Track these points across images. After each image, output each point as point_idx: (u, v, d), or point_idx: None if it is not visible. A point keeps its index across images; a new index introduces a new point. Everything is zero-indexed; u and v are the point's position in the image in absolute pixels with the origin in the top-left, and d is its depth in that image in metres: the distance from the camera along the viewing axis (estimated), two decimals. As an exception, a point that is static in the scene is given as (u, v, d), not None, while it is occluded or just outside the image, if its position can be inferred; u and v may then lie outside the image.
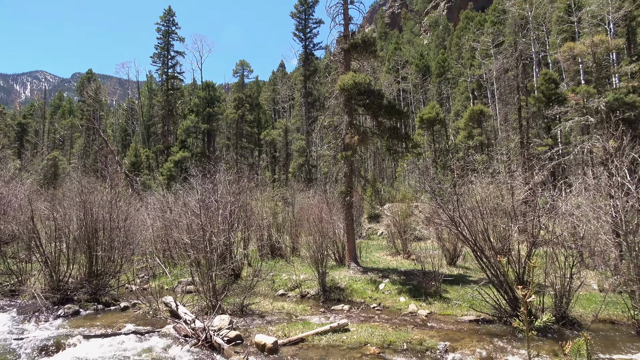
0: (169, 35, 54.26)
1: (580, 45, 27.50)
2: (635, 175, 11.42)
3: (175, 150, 46.53)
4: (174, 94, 55.86)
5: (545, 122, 31.98)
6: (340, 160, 16.07)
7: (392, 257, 20.00)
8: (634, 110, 25.14)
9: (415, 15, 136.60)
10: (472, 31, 51.59)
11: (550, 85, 30.88)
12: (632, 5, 33.11)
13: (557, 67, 38.97)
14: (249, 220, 17.34)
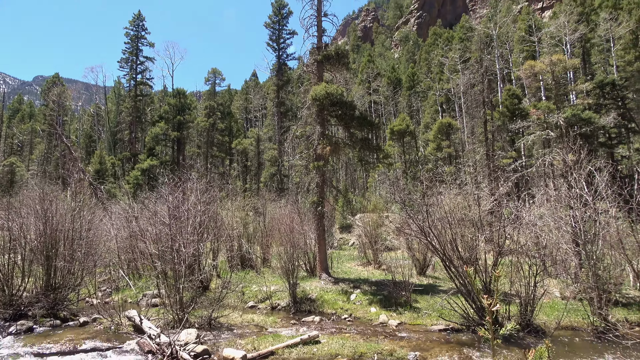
0: (138, 40, 53.07)
1: (540, 64, 28.94)
2: (592, 187, 12.01)
3: (143, 158, 45.21)
4: (142, 100, 54.47)
5: (509, 135, 33.26)
6: (312, 171, 16.07)
7: (363, 267, 20.06)
8: (590, 125, 26.57)
9: (386, 30, 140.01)
10: (441, 47, 53.32)
11: (514, 100, 32.23)
12: (586, 28, 35.25)
13: (520, 84, 40.76)
14: (219, 231, 16.98)
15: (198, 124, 50.06)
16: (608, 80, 30.68)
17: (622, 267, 14.04)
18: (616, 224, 13.01)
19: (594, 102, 29.78)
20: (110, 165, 46.37)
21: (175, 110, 48.55)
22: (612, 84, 30.38)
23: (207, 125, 48.64)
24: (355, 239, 26.28)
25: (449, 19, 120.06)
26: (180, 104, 48.97)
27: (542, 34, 39.02)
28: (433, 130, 39.97)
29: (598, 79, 31.74)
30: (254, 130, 53.79)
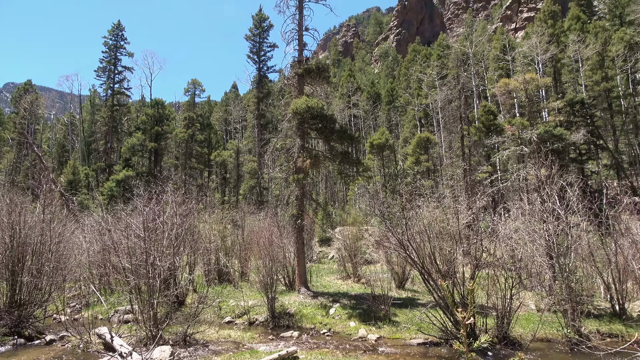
0: (117, 49, 52.30)
1: (514, 82, 29.97)
2: (564, 202, 12.36)
3: (119, 168, 44.12)
4: (119, 110, 53.43)
5: (485, 150, 34.10)
6: (292, 183, 16.01)
7: (342, 280, 19.96)
8: (561, 142, 27.54)
9: (366, 45, 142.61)
10: (419, 63, 54.59)
11: (489, 116, 33.17)
12: (557, 49, 36.80)
13: (495, 100, 42.04)
14: (196, 244, 16.61)
15: (176, 135, 49.37)
16: (578, 98, 31.99)
17: (593, 279, 14.44)
18: (587, 237, 13.42)
19: (565, 119, 30.93)
20: (84, 176, 45.03)
21: (153, 121, 47.76)
22: (581, 102, 31.68)
23: (186, 137, 48.01)
24: (334, 252, 26.20)
25: (427, 37, 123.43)
26: (158, 114, 48.24)
27: (515, 54, 40.54)
28: (412, 144, 40.61)
29: (568, 97, 33.06)
30: (234, 142, 53.43)
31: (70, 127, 63.47)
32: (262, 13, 46.52)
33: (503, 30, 51.29)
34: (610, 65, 35.76)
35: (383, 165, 42.98)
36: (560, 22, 45.72)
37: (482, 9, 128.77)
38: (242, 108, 64.02)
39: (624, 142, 36.06)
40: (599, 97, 34.64)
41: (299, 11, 17.47)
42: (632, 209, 13.87)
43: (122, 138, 52.98)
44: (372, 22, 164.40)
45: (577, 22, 43.05)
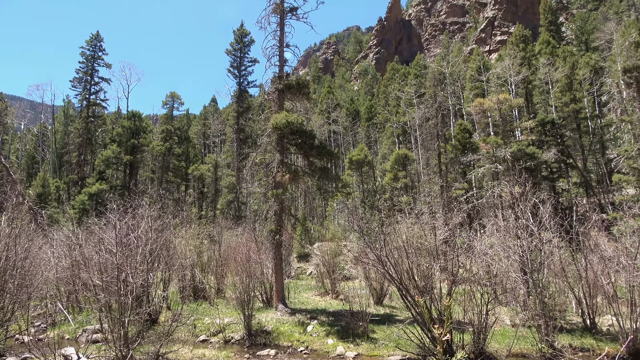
0: (94, 60, 51.39)
1: (489, 102, 30.97)
2: (537, 218, 12.70)
3: (92, 181, 42.85)
4: (94, 121, 52.22)
5: (461, 167, 34.87)
6: (271, 198, 15.90)
7: (320, 297, 19.78)
8: (534, 160, 28.46)
9: (346, 63, 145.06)
10: (398, 82, 55.85)
11: (465, 134, 34.04)
12: (528, 71, 38.38)
13: (471, 119, 43.26)
14: (171, 260, 16.18)
15: (153, 148, 48.51)
16: (548, 119, 33.26)
17: (565, 294, 14.78)
18: (559, 253, 13.78)
19: (536, 138, 32.05)
20: (55, 188, 43.53)
21: (129, 133, 46.83)
22: (552, 122, 32.94)
23: (163, 150, 47.23)
24: (313, 268, 26.00)
25: (406, 56, 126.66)
26: (135, 126, 47.36)
27: (490, 74, 42.01)
28: (390, 160, 41.16)
29: (540, 117, 34.34)
30: (212, 156, 52.87)
31: (42, 138, 61.54)
32: (243, 28, 46.81)
33: (478, 52, 53.20)
34: (578, 88, 37.47)
35: (362, 181, 43.31)
36: (531, 45, 47.83)
37: (457, 31, 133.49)
38: (221, 122, 63.65)
39: (592, 161, 37.58)
40: (568, 117, 36.14)
41: (280, 28, 17.67)
42: (600, 225, 14.38)
43: (96, 150, 51.65)
44: (352, 40, 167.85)
45: (547, 47, 45.13)
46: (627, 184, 29.59)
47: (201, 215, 43.97)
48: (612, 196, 32.53)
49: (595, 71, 39.00)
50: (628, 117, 31.47)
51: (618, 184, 30.45)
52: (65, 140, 55.75)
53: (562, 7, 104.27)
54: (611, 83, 36.32)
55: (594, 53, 46.23)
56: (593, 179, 36.69)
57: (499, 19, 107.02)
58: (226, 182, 42.94)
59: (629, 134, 32.58)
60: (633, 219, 16.63)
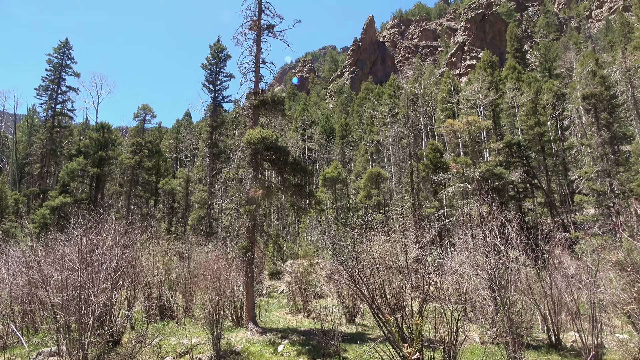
0: (62, 68, 49.89)
1: (459, 123, 32.01)
2: (504, 237, 13.05)
3: (54, 194, 41.06)
4: (60, 132, 50.41)
5: (432, 186, 35.63)
6: (243, 214, 15.67)
7: (292, 315, 19.46)
8: (501, 180, 29.43)
9: (322, 81, 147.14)
10: (372, 101, 56.99)
11: (436, 154, 34.93)
12: (496, 95, 40.04)
13: (442, 139, 44.50)
14: (137, 277, 15.56)
15: (122, 161, 47.17)
16: (515, 141, 34.64)
17: (531, 311, 15.14)
18: (525, 271, 14.15)
19: (504, 159, 33.27)
20: (13, 201, 41.40)
21: (97, 145, 45.43)
22: (518, 144, 34.32)
23: (133, 163, 45.99)
24: (285, 286, 25.64)
25: (380, 77, 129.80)
26: (103, 138, 46.02)
27: (460, 97, 43.56)
28: (364, 178, 41.61)
29: (507, 139, 35.73)
30: (184, 170, 51.90)
31: (1, 148, 58.79)
32: (220, 43, 46.83)
33: (449, 75, 55.17)
34: (542, 112, 39.37)
35: (335, 198, 43.48)
36: (499, 71, 50.06)
37: (430, 54, 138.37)
38: (194, 136, 62.84)
39: (555, 182, 39.25)
40: (533, 140, 37.79)
41: (256, 44, 17.77)
42: (563, 244, 14.93)
43: (61, 162, 49.69)
44: (327, 59, 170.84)
45: (513, 72, 47.35)
46: (587, 204, 30.99)
47: (170, 231, 42.81)
48: (574, 216, 33.98)
49: (558, 97, 41.16)
50: (587, 140, 33.20)
51: (579, 204, 31.86)
52: (28, 151, 53.46)
53: (526, 35, 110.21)
54: (572, 108, 38.35)
55: (556, 80, 48.86)
56: (557, 199, 38.27)
57: (469, 45, 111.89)
58: (198, 198, 42.09)
59: (588, 157, 34.32)
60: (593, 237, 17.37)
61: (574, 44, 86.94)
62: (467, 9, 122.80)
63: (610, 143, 30.55)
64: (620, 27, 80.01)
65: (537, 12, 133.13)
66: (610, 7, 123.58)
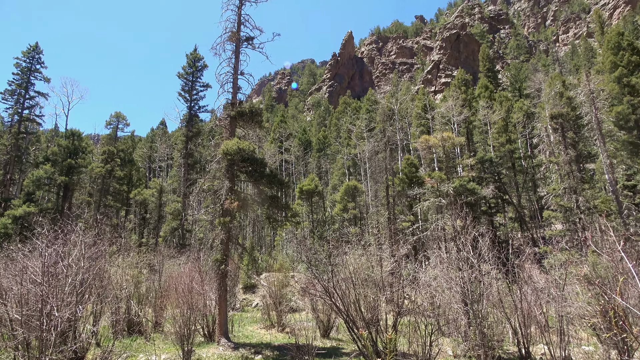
0: (30, 72, 48.22)
1: (434, 139, 32.73)
2: (476, 251, 13.30)
3: (18, 203, 39.26)
4: (26, 138, 48.49)
5: (408, 200, 36.10)
6: (218, 226, 15.39)
7: (266, 330, 19.10)
8: (474, 195, 30.14)
9: (300, 94, 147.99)
10: (349, 115, 57.68)
11: (412, 169, 35.51)
12: (469, 112, 41.25)
13: (417, 154, 45.34)
14: (104, 291, 14.96)
15: (93, 169, 45.70)
16: (487, 157, 35.67)
17: (502, 324, 15.39)
18: (497, 285, 14.42)
19: (476, 175, 34.14)
20: (-27, 210, 39.32)
21: (66, 153, 43.90)
22: (490, 160, 35.33)
23: (104, 172, 44.64)
24: (259, 299, 25.21)
25: (357, 91, 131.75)
26: (73, 146, 44.54)
27: (435, 113, 44.64)
28: (340, 191, 41.78)
29: (479, 155, 36.75)
30: (157, 180, 50.74)
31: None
32: (197, 53, 46.51)
33: (424, 92, 56.59)
34: (513, 130, 40.77)
35: (312, 211, 43.39)
36: (472, 89, 51.70)
37: (406, 71, 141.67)
38: (169, 146, 61.73)
39: (525, 198, 40.49)
40: (504, 156, 39.00)
41: (235, 55, 17.74)
42: (533, 258, 15.34)
43: (26, 169, 47.72)
44: (306, 72, 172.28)
45: (485, 91, 49.01)
46: (555, 219, 32.05)
47: (141, 243, 41.58)
48: (543, 231, 35.05)
49: (528, 116, 42.79)
50: (555, 158, 34.51)
51: (548, 219, 32.92)
52: (-9, 158, 51.09)
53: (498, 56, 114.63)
54: (541, 127, 39.90)
55: (526, 99, 50.84)
56: (526, 215, 39.43)
57: (444, 63, 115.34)
58: (171, 208, 41.15)
59: (556, 174, 35.64)
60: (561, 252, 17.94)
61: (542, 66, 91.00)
62: (442, 29, 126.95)
63: (576, 161, 31.86)
64: (584, 52, 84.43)
65: (508, 34, 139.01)
66: (576, 32, 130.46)
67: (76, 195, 46.56)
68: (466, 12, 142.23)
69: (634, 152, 36.37)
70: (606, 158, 29.91)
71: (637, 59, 38.98)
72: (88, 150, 50.86)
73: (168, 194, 47.72)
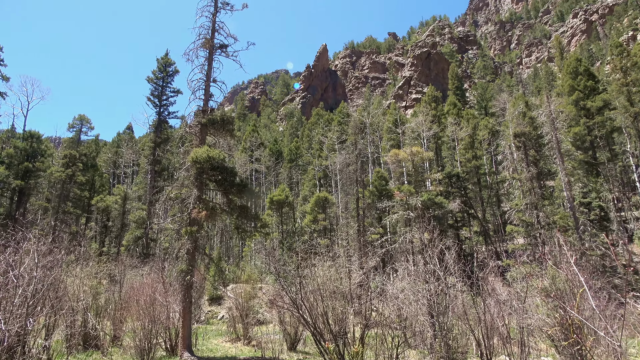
0: (-13, 71, 45.86)
1: (403, 153, 33.39)
2: (443, 264, 13.54)
3: (-31, 208, 36.90)
4: (-20, 139, 45.87)
5: (377, 213, 36.49)
6: (185, 236, 14.97)
7: (231, 343, 18.60)
8: (441, 209, 30.84)
9: (273, 104, 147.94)
10: (322, 126, 58.02)
11: (382, 182, 36.00)
12: (438, 128, 42.46)
13: (387, 168, 46.05)
14: (59, 302, 14.15)
15: (52, 173, 43.60)
16: (454, 172, 36.68)
17: (467, 336, 15.66)
18: (462, 297, 14.70)
19: (444, 189, 35.00)
20: None
21: (22, 155, 41.75)
22: (457, 176, 36.35)
23: (64, 177, 42.67)
24: (225, 311, 24.60)
25: (330, 103, 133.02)
26: (31, 148, 42.45)
27: (405, 128, 45.64)
28: (310, 202, 41.72)
29: (447, 170, 37.75)
30: (122, 187, 48.99)
31: None
32: (168, 57, 45.63)
33: (395, 107, 57.85)
34: (479, 147, 42.21)
35: (282, 221, 43.07)
36: (441, 106, 53.35)
37: (378, 86, 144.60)
38: (135, 151, 59.90)
39: (489, 213, 41.81)
40: (470, 172, 40.24)
41: (208, 62, 17.53)
42: (496, 271, 15.75)
43: (-22, 172, 44.98)
44: (279, 82, 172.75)
45: (454, 108, 50.67)
46: (517, 234, 33.21)
47: (102, 252, 39.87)
48: (506, 245, 36.23)
49: (493, 133, 44.46)
50: (518, 175, 35.93)
51: (511, 233, 34.08)
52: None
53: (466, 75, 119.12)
54: (505, 145, 41.53)
55: (491, 118, 52.90)
56: (491, 229, 40.68)
57: (415, 79, 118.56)
58: (135, 216, 39.74)
59: (519, 190, 37.06)
60: (522, 265, 18.55)
61: (507, 86, 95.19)
62: (414, 47, 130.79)
63: (537, 178, 33.27)
64: (545, 75, 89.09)
65: (475, 55, 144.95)
66: (538, 56, 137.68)
67: (32, 200, 44.27)
68: (437, 31, 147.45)
69: (589, 171, 38.43)
70: (564, 176, 31.43)
71: (592, 84, 41.49)
72: (48, 154, 48.64)
73: (133, 202, 46.16)
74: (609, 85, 45.36)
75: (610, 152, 39.15)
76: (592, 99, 40.05)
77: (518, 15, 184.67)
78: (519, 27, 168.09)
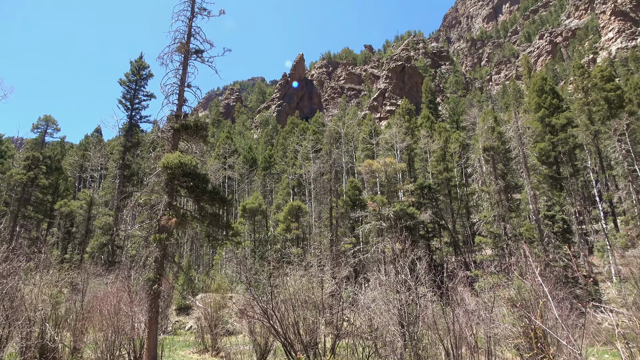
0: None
1: (377, 163, 33.81)
2: (414, 274, 13.69)
3: None
4: None
5: (350, 222, 36.65)
6: (153, 243, 14.52)
7: (199, 354, 18.09)
8: (413, 220, 31.31)
9: (248, 111, 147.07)
10: (297, 135, 58.03)
11: (356, 191, 36.25)
12: (411, 140, 43.30)
13: (361, 178, 46.47)
14: (14, 312, 13.39)
15: (12, 176, 41.55)
16: (426, 183, 37.39)
17: (436, 346, 15.83)
18: (432, 307, 14.88)
19: (416, 200, 35.58)
20: None
21: (-19, 157, 39.63)
22: (429, 187, 37.06)
23: (25, 179, 40.75)
24: (193, 322, 23.95)
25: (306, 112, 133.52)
26: (-8, 150, 40.39)
27: (379, 139, 46.31)
28: (284, 211, 41.48)
29: (419, 181, 38.44)
30: (88, 191, 47.19)
31: None
32: (142, 60, 44.67)
33: (370, 118, 58.66)
34: (450, 159, 43.27)
35: (254, 230, 42.57)
36: (415, 118, 54.53)
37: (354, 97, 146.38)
38: (104, 155, 57.98)
39: (459, 224, 42.79)
40: (442, 184, 41.15)
41: (182, 67, 17.26)
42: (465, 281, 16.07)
43: None
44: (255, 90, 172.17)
45: (427, 121, 51.87)
46: (486, 245, 34.10)
47: (64, 259, 38.16)
48: (475, 255, 37.10)
49: (463, 147, 45.75)
50: (486, 187, 37.02)
51: (479, 244, 34.95)
52: None
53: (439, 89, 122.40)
54: (475, 158, 42.78)
55: (462, 131, 54.46)
56: (460, 240, 41.60)
57: (389, 92, 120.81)
58: (101, 222, 38.29)
59: (487, 202, 38.15)
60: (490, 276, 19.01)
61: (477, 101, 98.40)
62: (389, 60, 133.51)
63: (505, 191, 34.39)
64: (513, 92, 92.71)
65: (448, 70, 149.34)
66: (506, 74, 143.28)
67: (-10, 204, 41.94)
68: (411, 46, 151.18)
69: (553, 185, 40.05)
70: (530, 189, 32.61)
71: (557, 102, 43.50)
72: (8, 155, 46.44)
73: (99, 207, 44.52)
74: (571, 104, 47.68)
75: (572, 167, 40.99)
76: (557, 116, 41.95)
77: (488, 34, 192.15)
78: (489, 46, 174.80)
